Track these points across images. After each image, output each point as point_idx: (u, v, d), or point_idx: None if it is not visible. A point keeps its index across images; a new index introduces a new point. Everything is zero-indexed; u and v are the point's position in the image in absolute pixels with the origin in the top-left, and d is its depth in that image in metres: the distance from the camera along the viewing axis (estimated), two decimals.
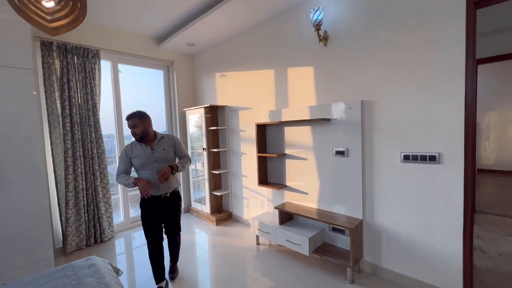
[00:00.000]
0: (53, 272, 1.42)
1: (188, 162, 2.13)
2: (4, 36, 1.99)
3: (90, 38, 2.91)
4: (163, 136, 2.05)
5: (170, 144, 2.05)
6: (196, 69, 3.92)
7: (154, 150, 1.97)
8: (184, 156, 2.14)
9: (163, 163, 1.97)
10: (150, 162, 1.95)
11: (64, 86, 2.68)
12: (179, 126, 3.81)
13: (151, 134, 1.99)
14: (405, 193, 1.91)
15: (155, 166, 1.95)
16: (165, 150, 2.00)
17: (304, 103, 2.50)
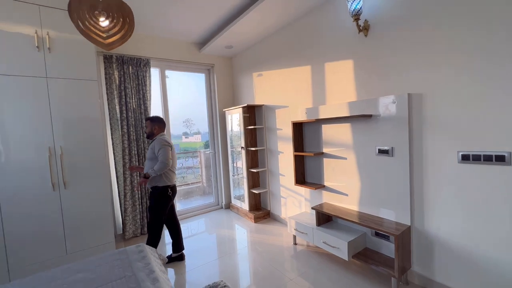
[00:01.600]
0: (112, 254, 1.64)
1: (160, 167, 2.27)
2: (74, 54, 2.36)
3: (141, 49, 3.25)
4: (154, 140, 2.41)
5: (152, 146, 2.37)
6: (235, 70, 4.05)
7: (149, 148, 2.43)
8: (159, 159, 2.30)
9: (148, 161, 2.39)
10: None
11: (122, 93, 3.06)
12: (220, 126, 3.99)
13: (155, 135, 2.45)
14: (464, 199, 1.66)
15: (146, 162, 2.43)
16: (148, 150, 2.41)
17: (343, 99, 2.36)
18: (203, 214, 3.90)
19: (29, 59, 2.17)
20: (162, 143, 2.33)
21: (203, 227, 3.49)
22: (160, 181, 2.38)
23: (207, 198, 4.67)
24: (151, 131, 2.45)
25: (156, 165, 2.29)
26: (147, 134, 2.49)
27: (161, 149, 2.31)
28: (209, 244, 2.97)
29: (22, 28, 2.14)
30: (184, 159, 5.16)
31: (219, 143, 4.04)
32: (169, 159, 2.31)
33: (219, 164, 4.08)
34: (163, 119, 2.55)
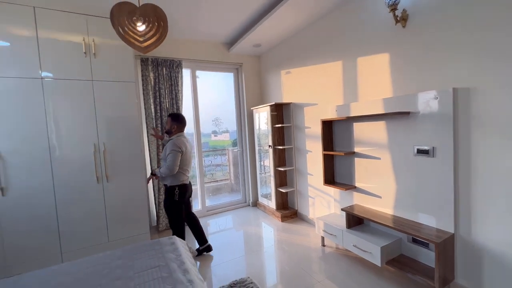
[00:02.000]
0: (148, 245, 1.76)
1: (165, 170, 2.31)
2: (115, 58, 2.56)
3: (174, 51, 3.41)
4: (171, 139, 2.43)
5: (166, 147, 2.40)
6: (263, 69, 4.05)
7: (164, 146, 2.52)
8: (166, 163, 2.33)
9: (162, 160, 2.43)
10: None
11: (156, 94, 3.25)
12: (247, 124, 4.03)
13: (173, 134, 2.46)
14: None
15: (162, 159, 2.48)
16: (164, 149, 2.44)
17: (377, 96, 2.23)
18: (231, 211, 3.98)
19: (78, 64, 2.41)
20: (173, 147, 2.31)
21: (231, 224, 3.56)
22: (167, 180, 2.41)
23: (234, 195, 4.76)
24: (169, 129, 2.46)
25: (162, 167, 2.34)
26: (165, 130, 2.54)
27: (170, 154, 2.30)
28: (236, 240, 3.02)
29: (72, 36, 2.38)
30: (213, 156, 5.32)
31: (246, 141, 4.09)
32: (176, 166, 2.30)
33: (247, 162, 4.13)
34: (184, 119, 2.53)
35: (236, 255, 2.62)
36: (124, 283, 1.31)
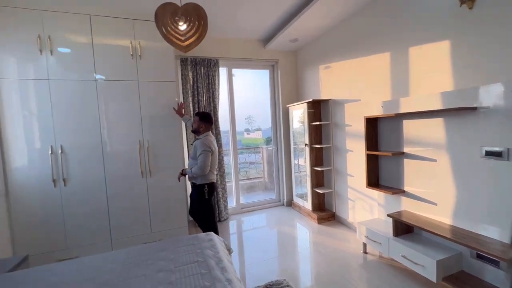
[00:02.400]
0: (186, 239, 1.80)
1: (196, 171, 2.30)
2: (158, 59, 2.69)
3: (212, 50, 3.47)
4: (200, 138, 2.43)
5: (195, 146, 2.39)
6: (299, 64, 3.91)
7: (192, 145, 2.44)
8: (198, 163, 2.31)
9: (191, 159, 2.45)
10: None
11: (195, 92, 3.35)
12: (283, 122, 3.95)
13: (200, 133, 2.46)
14: None
15: (190, 158, 2.49)
16: (193, 149, 2.45)
17: (433, 89, 1.97)
18: (265, 210, 3.95)
19: (126, 66, 2.58)
20: (204, 148, 2.31)
21: (265, 223, 3.53)
22: (197, 179, 2.42)
23: (268, 193, 4.72)
24: (197, 128, 2.46)
25: (194, 168, 2.33)
26: (193, 129, 2.51)
27: (202, 154, 2.30)
28: (269, 240, 2.98)
29: (121, 41, 2.56)
30: (247, 154, 5.35)
31: (281, 139, 4.00)
32: (207, 166, 2.31)
33: (281, 160, 4.05)
34: (212, 118, 2.55)
35: (270, 255, 2.58)
36: (166, 276, 1.36)
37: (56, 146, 2.38)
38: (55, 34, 2.35)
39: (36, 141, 2.34)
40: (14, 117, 2.27)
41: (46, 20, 2.32)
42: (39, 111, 2.33)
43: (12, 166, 2.28)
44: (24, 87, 2.29)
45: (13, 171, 2.28)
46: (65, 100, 2.40)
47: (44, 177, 2.36)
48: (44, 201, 2.37)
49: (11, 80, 2.25)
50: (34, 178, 2.33)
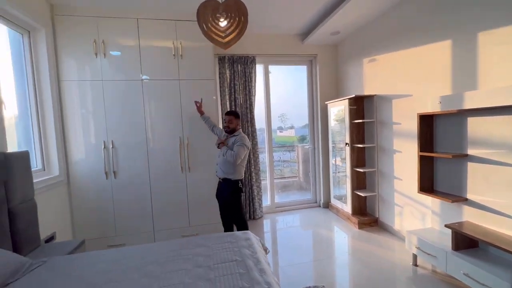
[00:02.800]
0: (224, 236, 1.80)
1: (231, 155, 2.29)
2: (198, 58, 2.75)
3: (248, 47, 3.45)
4: (236, 135, 2.41)
5: (234, 141, 2.36)
6: (340, 59, 3.68)
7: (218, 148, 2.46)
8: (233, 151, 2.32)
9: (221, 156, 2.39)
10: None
11: (232, 90, 3.37)
12: (321, 119, 3.77)
13: (235, 131, 2.45)
14: None
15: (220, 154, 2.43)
16: (231, 143, 2.40)
17: (510, 81, 1.66)
18: (299, 210, 3.83)
19: (168, 66, 2.69)
20: (244, 142, 2.36)
21: (299, 224, 3.42)
22: (231, 174, 2.38)
23: (304, 193, 4.59)
24: (234, 126, 2.43)
25: (230, 153, 2.30)
26: (230, 129, 2.43)
27: (240, 146, 2.32)
28: (305, 242, 2.87)
29: (164, 42, 2.67)
30: (282, 152, 5.26)
31: (319, 138, 3.83)
32: (240, 158, 2.32)
33: (319, 160, 3.88)
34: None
35: (305, 258, 2.47)
36: (205, 272, 1.36)
37: (108, 142, 2.59)
38: (108, 38, 2.54)
39: (91, 137, 2.58)
40: (74, 115, 2.53)
41: (101, 26, 2.52)
42: (94, 110, 2.56)
43: (72, 159, 2.54)
44: (82, 87, 2.53)
45: (73, 164, 2.55)
46: (115, 99, 2.59)
47: (98, 169, 2.58)
48: (98, 191, 2.60)
49: (71, 81, 2.51)
50: (90, 170, 2.58)
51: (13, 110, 2.14)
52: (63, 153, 2.50)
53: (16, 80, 2.19)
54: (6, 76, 2.09)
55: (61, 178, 2.44)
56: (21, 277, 1.37)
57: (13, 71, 2.17)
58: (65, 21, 2.46)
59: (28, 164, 1.90)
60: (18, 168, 1.78)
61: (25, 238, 1.80)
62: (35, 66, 2.31)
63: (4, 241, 1.64)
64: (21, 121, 2.22)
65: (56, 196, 2.37)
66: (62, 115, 2.50)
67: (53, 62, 2.42)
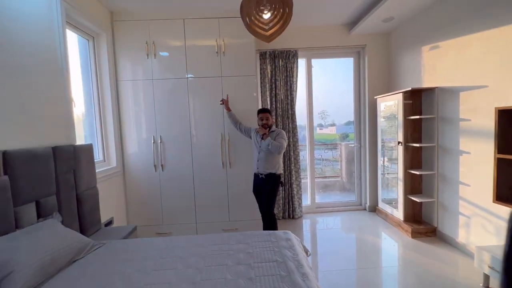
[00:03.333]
0: (263, 234, 1.77)
1: (277, 145, 2.30)
2: (240, 55, 2.75)
3: (290, 41, 3.34)
4: (274, 130, 2.44)
5: (275, 136, 2.39)
6: (393, 48, 3.32)
7: (263, 140, 2.36)
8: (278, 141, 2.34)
9: (266, 151, 2.37)
10: (258, 144, 2.44)
11: (272, 86, 3.31)
12: (368, 116, 3.47)
13: (270, 128, 2.43)
14: None
15: (260, 150, 2.43)
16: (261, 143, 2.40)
17: None
18: (342, 212, 3.60)
19: (211, 63, 2.75)
20: (285, 137, 2.42)
21: (342, 227, 3.22)
22: (274, 167, 2.41)
23: (346, 195, 4.32)
24: (272, 122, 2.50)
25: (276, 144, 2.30)
26: (269, 126, 2.42)
27: (283, 139, 2.38)
28: (348, 247, 2.69)
29: (208, 40, 2.73)
30: (323, 150, 5.02)
31: (365, 135, 3.54)
32: (283, 150, 2.37)
33: (365, 159, 3.59)
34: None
35: (348, 265, 2.30)
36: (246, 270, 1.34)
37: (157, 137, 2.77)
38: (158, 39, 2.71)
39: (143, 132, 2.79)
40: (129, 112, 2.77)
41: (152, 28, 2.69)
42: (145, 107, 2.76)
43: (127, 152, 2.79)
44: (135, 86, 2.75)
45: (128, 156, 2.80)
46: (163, 97, 2.76)
47: (148, 162, 2.79)
48: (148, 183, 2.81)
49: (127, 81, 2.74)
50: (141, 163, 2.80)
51: (81, 108, 2.43)
52: (119, 146, 2.76)
53: (83, 81, 2.47)
54: (76, 78, 2.37)
55: (118, 169, 2.70)
56: (85, 255, 1.54)
57: (81, 74, 2.45)
58: (122, 26, 2.69)
59: (92, 156, 2.13)
60: (84, 158, 2.01)
61: (89, 221, 2.03)
62: (98, 68, 2.58)
63: (73, 222, 1.87)
64: (87, 117, 2.51)
65: (114, 185, 2.63)
66: (119, 112, 2.76)
67: (112, 63, 2.67)
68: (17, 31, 1.56)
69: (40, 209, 1.62)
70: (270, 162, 2.40)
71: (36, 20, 1.72)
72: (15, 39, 1.55)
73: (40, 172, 1.62)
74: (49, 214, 1.67)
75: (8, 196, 1.39)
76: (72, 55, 2.30)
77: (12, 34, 1.53)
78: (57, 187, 1.75)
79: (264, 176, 2.42)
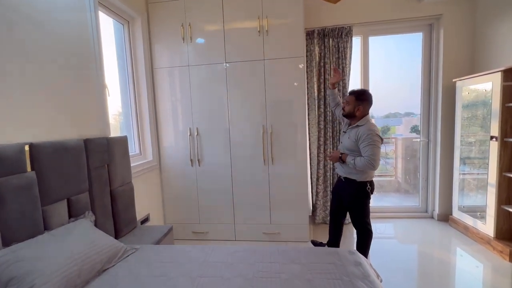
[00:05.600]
0: (324, 254, 1.39)
1: (365, 164, 1.76)
2: (286, 34, 2.35)
3: (342, 16, 2.81)
4: (358, 125, 1.87)
5: (355, 136, 1.85)
6: (482, 16, 2.59)
7: (345, 132, 1.99)
8: (365, 155, 1.78)
9: (345, 150, 1.96)
10: (340, 142, 2.06)
11: (321, 70, 2.85)
12: (442, 104, 2.81)
13: (357, 118, 1.90)
14: None
15: (340, 147, 2.03)
16: (349, 139, 1.92)
17: None
18: (401, 220, 3.04)
19: (252, 46, 2.40)
20: (373, 138, 1.76)
21: (403, 237, 2.68)
22: (355, 174, 1.88)
23: (404, 198, 3.70)
24: (351, 110, 1.89)
25: (360, 160, 1.78)
26: (345, 112, 1.94)
27: (371, 146, 1.75)
28: (411, 263, 2.21)
29: (249, 22, 2.37)
30: None
31: (437, 128, 2.89)
32: (379, 161, 1.77)
33: (435, 157, 2.95)
34: (371, 97, 1.92)
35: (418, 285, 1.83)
36: None
37: (193, 129, 2.55)
38: (195, 21, 2.44)
39: (179, 123, 2.59)
40: (166, 102, 2.58)
41: (188, 8, 2.43)
42: (182, 96, 2.54)
43: (163, 145, 2.63)
44: (171, 74, 2.54)
45: (164, 149, 2.63)
46: (199, 85, 2.50)
47: (184, 156, 2.59)
48: (184, 178, 2.62)
49: (163, 69, 2.54)
50: (177, 157, 2.61)
51: (116, 97, 2.29)
52: (156, 138, 2.60)
53: (119, 70, 2.32)
54: (112, 66, 2.22)
55: (154, 162, 2.54)
56: (116, 263, 1.35)
57: (117, 60, 2.30)
58: (157, 8, 2.47)
59: (126, 149, 1.96)
60: (118, 152, 1.85)
61: (124, 219, 1.88)
62: (133, 54, 2.41)
63: (107, 222, 1.72)
64: (122, 108, 2.38)
65: (150, 179, 2.49)
66: (155, 102, 2.58)
67: (148, 50, 2.49)
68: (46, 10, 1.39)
69: (72, 208, 1.47)
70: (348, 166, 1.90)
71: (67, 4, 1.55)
72: (42, 20, 1.38)
73: (71, 167, 1.46)
74: (81, 213, 1.52)
75: (35, 194, 1.24)
76: (108, 41, 2.15)
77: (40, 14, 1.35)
78: (89, 184, 1.60)
79: (342, 178, 1.98)
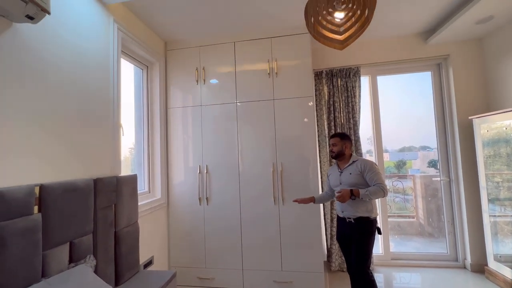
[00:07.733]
0: None
1: (378, 191, 1.79)
2: (295, 75, 2.44)
3: (350, 57, 2.92)
4: (356, 160, 1.96)
5: (358, 170, 1.89)
6: (490, 55, 2.62)
7: (342, 172, 1.98)
8: (375, 183, 1.82)
9: (349, 187, 1.88)
10: (338, 184, 1.99)
11: (330, 108, 2.87)
12: (460, 141, 2.70)
13: (346, 156, 2.00)
14: None
15: (341, 188, 1.92)
16: (351, 175, 1.92)
17: None
18: (430, 269, 2.72)
19: (262, 86, 2.49)
20: (376, 167, 1.89)
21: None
22: (366, 211, 1.86)
23: (429, 243, 3.38)
24: (341, 150, 1.99)
25: (373, 188, 1.80)
26: (335, 153, 2.02)
27: (378, 174, 1.85)
28: None
29: (259, 64, 2.50)
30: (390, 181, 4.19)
31: (457, 166, 2.73)
32: (387, 191, 1.82)
33: (459, 197, 2.73)
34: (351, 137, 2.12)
35: None
36: None
37: (203, 166, 2.54)
38: (208, 65, 2.60)
39: (189, 161, 2.60)
40: (178, 140, 2.63)
41: (202, 53, 2.61)
42: (193, 134, 2.60)
43: (173, 182, 2.61)
44: (184, 113, 2.63)
45: (173, 187, 2.60)
46: (211, 124, 2.56)
47: (193, 194, 2.54)
48: (192, 217, 2.54)
49: (176, 108, 2.65)
50: (186, 194, 2.57)
51: (131, 137, 2.37)
52: (165, 175, 2.59)
53: (135, 111, 2.44)
54: (129, 108, 2.35)
55: (162, 201, 2.50)
56: None
57: (134, 100, 2.44)
58: (174, 54, 2.68)
59: (135, 188, 1.95)
60: (126, 191, 1.83)
61: (126, 263, 1.78)
62: (149, 96, 2.55)
63: (108, 267, 1.63)
64: (136, 145, 2.44)
65: (157, 219, 2.42)
66: (167, 139, 2.64)
67: (163, 91, 2.63)
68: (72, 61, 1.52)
69: (73, 251, 1.41)
70: (362, 203, 1.86)
71: (92, 54, 1.70)
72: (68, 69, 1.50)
73: (78, 208, 1.45)
74: (82, 257, 1.45)
75: (37, 238, 1.20)
76: (126, 82, 2.30)
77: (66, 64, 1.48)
78: (94, 225, 1.56)
79: (352, 220, 1.89)
